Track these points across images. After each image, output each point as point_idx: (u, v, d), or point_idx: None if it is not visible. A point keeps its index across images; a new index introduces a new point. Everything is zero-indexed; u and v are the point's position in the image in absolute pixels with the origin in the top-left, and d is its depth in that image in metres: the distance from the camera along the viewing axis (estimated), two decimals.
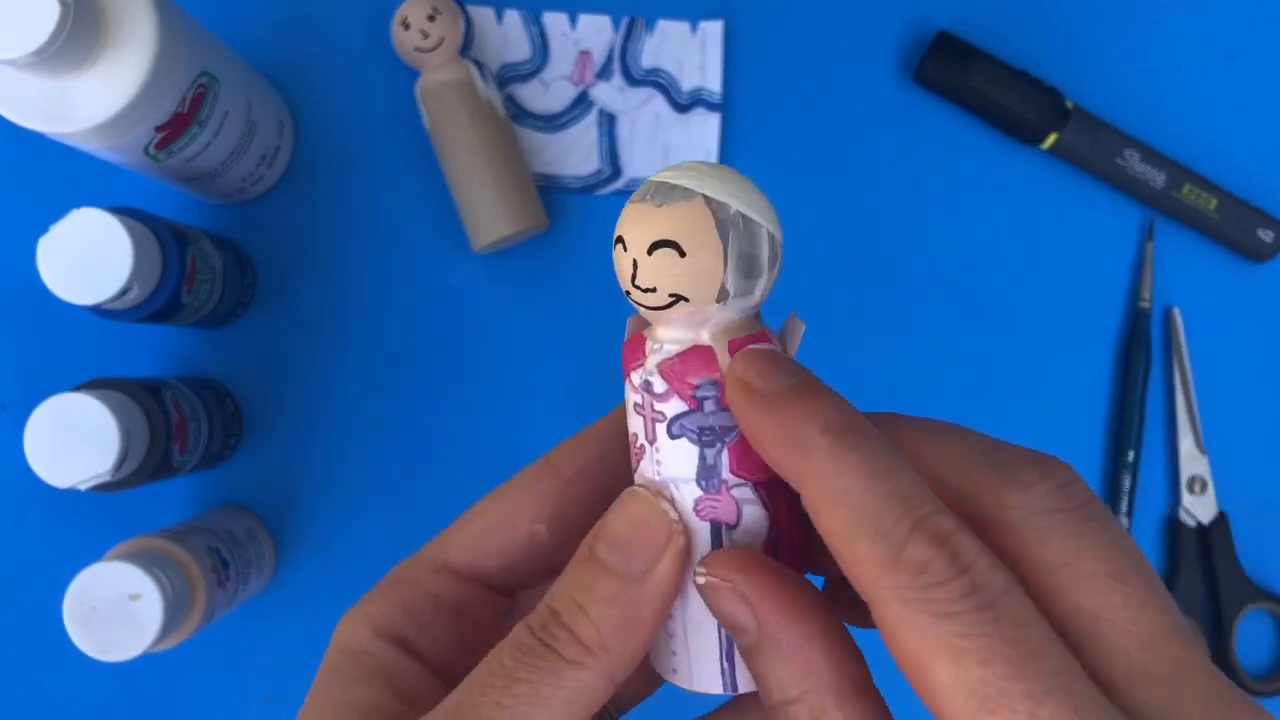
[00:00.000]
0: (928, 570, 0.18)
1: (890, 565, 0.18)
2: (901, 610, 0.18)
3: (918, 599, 0.18)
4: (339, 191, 0.54)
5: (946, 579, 0.18)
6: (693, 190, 0.20)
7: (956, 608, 0.18)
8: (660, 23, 0.55)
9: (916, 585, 0.18)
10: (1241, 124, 0.57)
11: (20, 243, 0.43)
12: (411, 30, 0.51)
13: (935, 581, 0.18)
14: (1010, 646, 0.17)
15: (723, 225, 0.20)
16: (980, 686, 0.17)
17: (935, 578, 0.18)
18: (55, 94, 0.38)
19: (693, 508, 0.22)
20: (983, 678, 0.17)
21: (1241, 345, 0.57)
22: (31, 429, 0.40)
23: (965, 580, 0.18)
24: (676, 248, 0.20)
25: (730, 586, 0.21)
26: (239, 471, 0.53)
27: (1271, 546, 0.57)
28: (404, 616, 0.25)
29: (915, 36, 0.56)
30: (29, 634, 0.52)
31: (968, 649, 0.17)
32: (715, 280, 0.20)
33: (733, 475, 0.22)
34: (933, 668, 0.18)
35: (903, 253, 0.56)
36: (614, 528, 0.22)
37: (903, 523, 0.18)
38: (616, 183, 0.55)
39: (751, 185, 0.21)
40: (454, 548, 0.26)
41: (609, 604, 0.21)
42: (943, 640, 0.18)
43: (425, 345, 0.54)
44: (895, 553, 0.18)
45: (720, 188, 0.20)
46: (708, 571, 0.21)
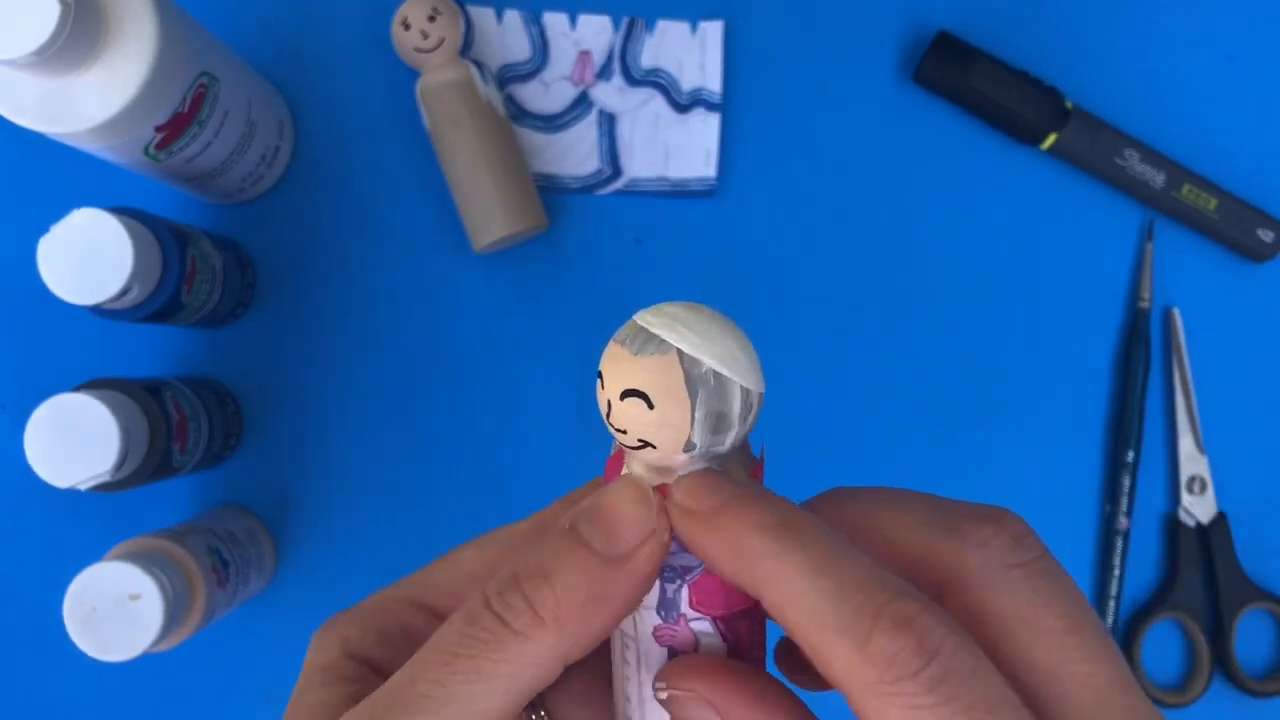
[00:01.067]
0: (896, 662, 0.18)
1: (859, 661, 0.18)
2: (877, 705, 0.18)
3: (890, 693, 0.18)
4: (339, 191, 0.54)
5: (916, 670, 0.18)
6: (668, 344, 0.20)
7: (930, 700, 0.18)
8: (660, 23, 0.55)
9: (887, 679, 0.18)
10: (1241, 124, 0.57)
11: (20, 243, 0.43)
12: (411, 30, 0.51)
13: (906, 674, 0.18)
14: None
15: (692, 382, 0.20)
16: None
17: (905, 669, 0.18)
18: (55, 94, 0.38)
19: (650, 633, 0.22)
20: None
21: (1241, 345, 0.57)
22: (31, 429, 0.40)
23: (936, 667, 0.18)
24: (646, 399, 0.20)
25: (693, 695, 0.21)
26: (239, 471, 0.53)
27: (1271, 546, 0.57)
28: (379, 644, 0.24)
29: (915, 36, 0.56)
30: (29, 634, 0.52)
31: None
32: (682, 434, 0.21)
33: (691, 610, 0.22)
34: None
35: (902, 253, 0.56)
36: (602, 504, 0.21)
37: (863, 616, 0.18)
38: (616, 183, 0.55)
39: (732, 332, 0.21)
40: (434, 591, 0.25)
41: (578, 575, 0.20)
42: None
43: (425, 345, 0.54)
44: (860, 648, 0.18)
45: (696, 341, 0.20)
46: (669, 684, 0.21)
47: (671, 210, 0.55)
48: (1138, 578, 0.57)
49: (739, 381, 0.21)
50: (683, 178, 0.55)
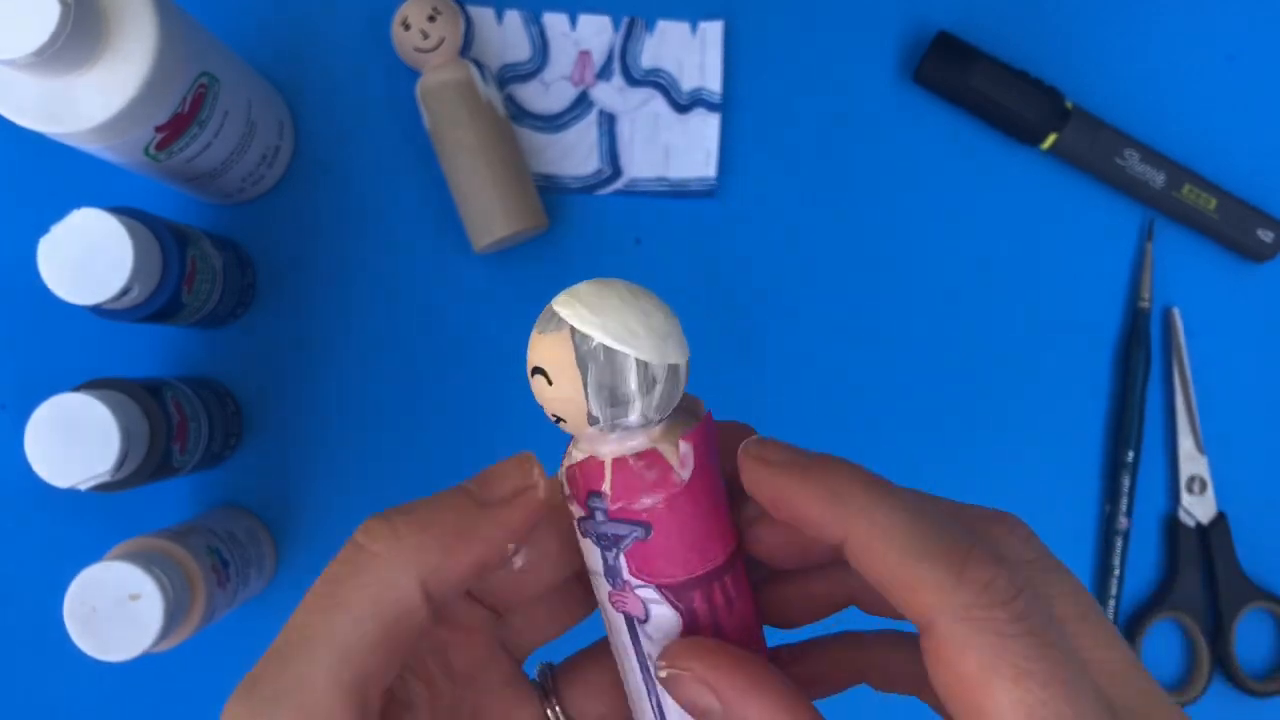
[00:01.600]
0: (990, 589, 0.19)
1: (954, 585, 0.19)
2: (966, 630, 0.19)
3: (983, 618, 0.18)
4: (339, 191, 0.54)
5: (1008, 598, 0.19)
6: (563, 321, 0.21)
7: (1018, 629, 0.18)
8: (660, 23, 0.55)
9: (981, 604, 0.19)
10: (1241, 124, 0.57)
11: (20, 243, 0.43)
12: (412, 30, 0.51)
13: (999, 600, 0.19)
14: (1068, 671, 0.18)
15: (582, 358, 0.21)
16: (1039, 708, 0.18)
17: (1000, 595, 0.19)
18: (55, 94, 0.38)
19: (607, 599, 0.23)
20: (1044, 700, 0.18)
21: (1241, 345, 0.57)
22: (31, 429, 0.40)
23: (1022, 602, 0.19)
24: (545, 375, 0.22)
25: (691, 674, 0.21)
26: (239, 471, 0.53)
27: (1271, 546, 0.57)
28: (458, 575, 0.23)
29: (915, 36, 0.56)
30: (29, 634, 0.52)
31: (1033, 671, 0.18)
32: (580, 408, 0.21)
33: (633, 578, 0.23)
34: (993, 689, 0.18)
35: (902, 252, 0.56)
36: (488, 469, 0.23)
37: (960, 544, 0.19)
38: (616, 183, 0.55)
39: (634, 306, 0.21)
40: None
41: (445, 509, 0.21)
42: (1007, 660, 0.18)
43: (425, 345, 0.54)
44: (957, 573, 0.19)
45: (588, 317, 0.21)
46: (667, 664, 0.22)
47: (671, 210, 0.55)
48: (1138, 578, 0.57)
49: (633, 355, 0.21)
50: (683, 178, 0.55)
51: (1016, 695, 0.18)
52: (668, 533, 0.22)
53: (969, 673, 0.18)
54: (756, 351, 0.55)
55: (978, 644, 0.18)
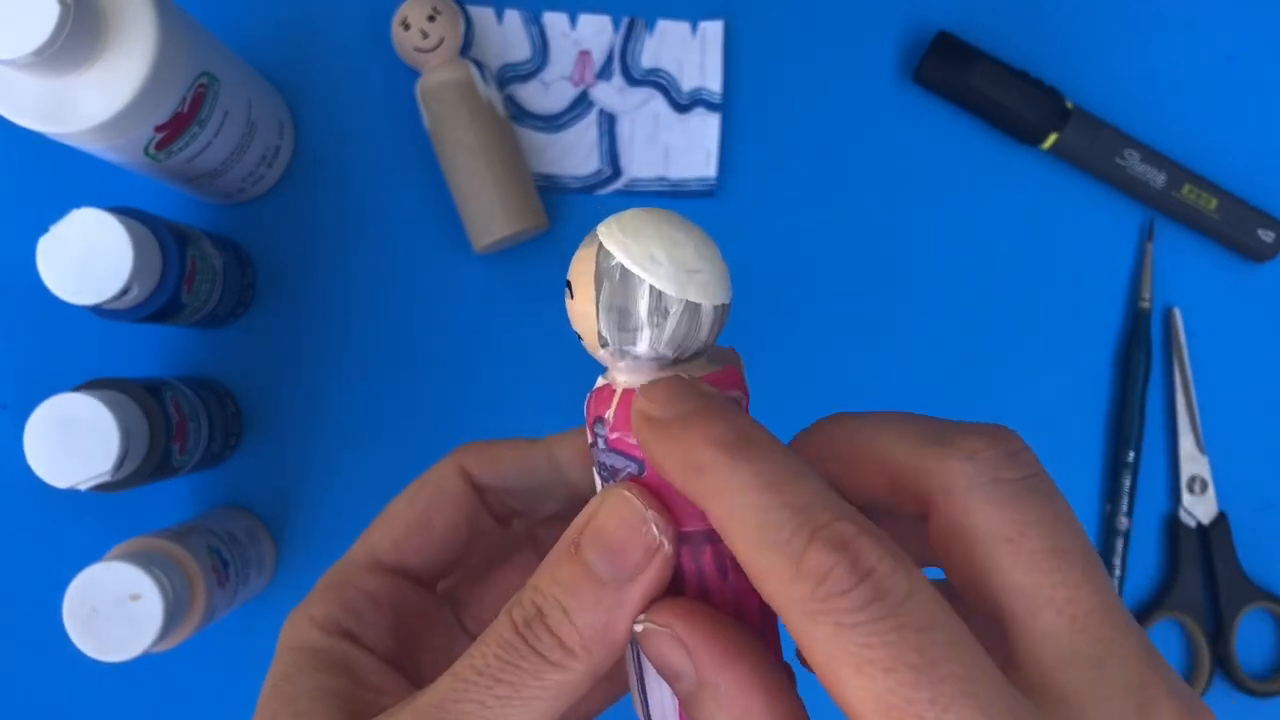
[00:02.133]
0: (829, 579, 0.18)
1: (792, 577, 0.18)
2: (807, 623, 0.18)
3: (820, 610, 0.18)
4: (339, 191, 0.54)
5: (847, 587, 0.18)
6: (595, 237, 0.21)
7: (859, 617, 0.17)
8: (660, 23, 0.55)
9: (818, 596, 0.18)
10: (1241, 124, 0.57)
11: (20, 243, 0.43)
12: (411, 30, 0.51)
13: (836, 591, 0.18)
14: (915, 653, 0.17)
15: (599, 274, 0.21)
16: (886, 695, 0.17)
17: (836, 587, 0.18)
18: (55, 94, 0.38)
19: None
20: (889, 687, 0.17)
21: (1241, 345, 0.57)
22: (31, 429, 0.40)
23: (867, 587, 0.18)
24: (569, 288, 0.21)
25: (668, 632, 0.21)
26: (239, 471, 0.53)
27: (1271, 546, 0.57)
28: (345, 613, 0.26)
29: (915, 36, 0.56)
30: (29, 634, 0.52)
31: (873, 659, 0.17)
32: (592, 325, 0.21)
33: None
34: (841, 679, 0.18)
35: (902, 253, 0.56)
36: (602, 529, 0.21)
37: (800, 533, 0.18)
38: (616, 183, 0.55)
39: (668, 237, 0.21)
40: (379, 548, 0.27)
41: (594, 609, 0.21)
42: (847, 651, 0.17)
43: (425, 345, 0.54)
44: (795, 564, 0.18)
45: (619, 238, 0.21)
46: (646, 618, 0.21)
47: (671, 210, 0.55)
48: (1138, 578, 0.57)
49: (648, 281, 0.21)
50: (683, 178, 0.55)
51: (862, 685, 0.17)
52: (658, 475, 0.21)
53: (819, 666, 0.18)
54: (756, 351, 0.55)
55: (820, 635, 0.18)
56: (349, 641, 0.25)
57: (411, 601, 0.27)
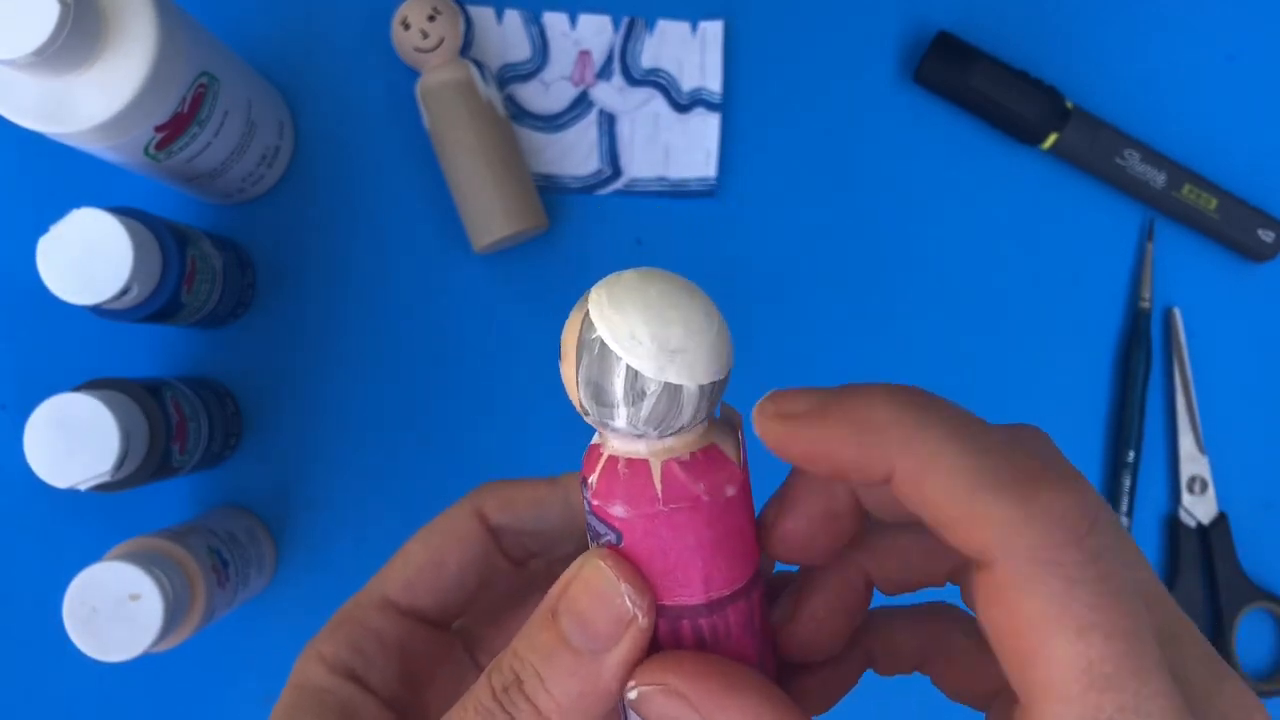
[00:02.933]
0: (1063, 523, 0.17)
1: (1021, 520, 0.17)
2: (1032, 574, 0.17)
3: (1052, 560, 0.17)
4: (339, 191, 0.54)
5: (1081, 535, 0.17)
6: (585, 302, 0.20)
7: (1088, 573, 0.17)
8: (660, 23, 0.55)
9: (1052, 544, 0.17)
10: (1241, 124, 0.57)
11: (20, 243, 0.43)
12: (411, 30, 0.51)
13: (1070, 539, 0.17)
14: (1129, 620, 0.17)
15: (580, 345, 0.20)
16: (1099, 663, 0.16)
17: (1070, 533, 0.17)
18: (55, 94, 0.38)
19: None
20: (1104, 655, 0.16)
21: (1241, 345, 0.57)
22: (31, 429, 0.40)
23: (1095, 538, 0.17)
24: (560, 351, 0.21)
25: (662, 688, 0.21)
26: (239, 471, 0.53)
27: (1271, 546, 0.57)
28: (353, 653, 0.26)
29: (915, 36, 0.56)
30: (29, 634, 0.52)
31: (1098, 624, 0.16)
32: (574, 393, 0.21)
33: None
34: (1054, 639, 0.17)
35: (902, 253, 0.56)
36: (576, 599, 0.21)
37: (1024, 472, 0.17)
38: (616, 183, 0.55)
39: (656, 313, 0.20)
40: (392, 587, 0.27)
41: (568, 677, 0.21)
42: (1072, 610, 0.17)
43: (425, 345, 0.54)
44: (1024, 506, 0.17)
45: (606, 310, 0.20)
46: (636, 682, 0.21)
47: (671, 210, 0.55)
48: None
49: (625, 360, 0.19)
50: (683, 178, 0.55)
51: (1078, 648, 0.16)
52: (636, 548, 0.21)
53: (1029, 620, 0.17)
54: (756, 352, 0.55)
55: (1044, 590, 0.17)
56: (353, 683, 0.26)
57: (421, 642, 0.27)
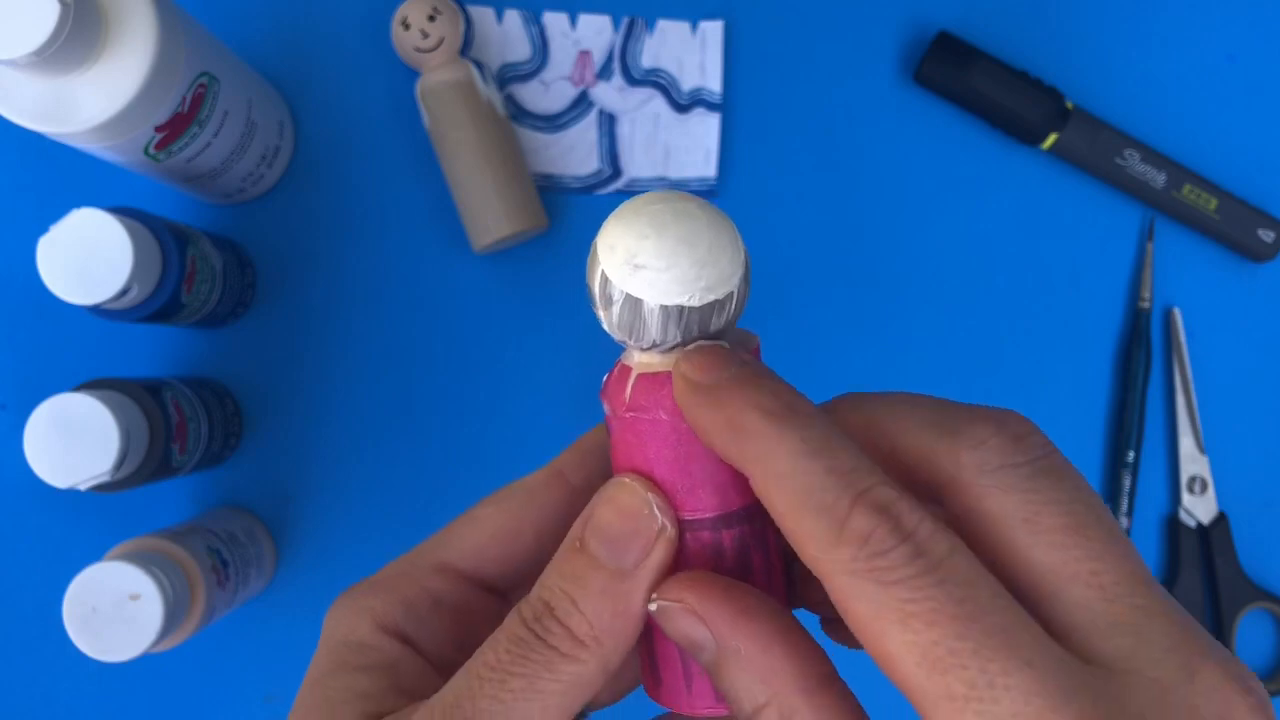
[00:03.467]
0: (871, 540, 0.18)
1: (835, 540, 0.19)
2: (850, 582, 0.18)
3: (863, 569, 0.18)
4: (339, 191, 0.54)
5: (889, 547, 0.18)
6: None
7: (901, 574, 0.18)
8: (660, 23, 0.55)
9: (861, 556, 0.18)
10: (1241, 124, 0.57)
11: (20, 243, 0.43)
12: (411, 30, 0.51)
13: (879, 551, 0.18)
14: (956, 606, 0.18)
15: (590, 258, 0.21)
16: (931, 648, 0.18)
17: (878, 547, 0.18)
18: (55, 94, 0.38)
19: None
20: (932, 639, 0.18)
21: (1241, 345, 0.57)
22: (31, 429, 0.40)
23: (908, 547, 0.18)
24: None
25: (682, 605, 0.21)
26: (239, 471, 0.53)
27: (1271, 546, 0.57)
28: (406, 612, 0.25)
29: (915, 36, 0.56)
30: (29, 634, 0.52)
31: (916, 613, 0.18)
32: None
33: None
34: (884, 634, 0.18)
35: (902, 253, 0.56)
36: (604, 520, 0.22)
37: (843, 497, 0.19)
38: (616, 183, 0.55)
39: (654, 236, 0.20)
40: (457, 552, 0.26)
41: (601, 597, 0.21)
42: (890, 606, 0.18)
43: (425, 345, 0.54)
44: (838, 527, 0.19)
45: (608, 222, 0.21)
46: (659, 596, 0.21)
47: None
48: None
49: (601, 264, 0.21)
50: (683, 178, 0.55)
51: (907, 638, 0.18)
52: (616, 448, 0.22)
53: (862, 623, 0.18)
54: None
55: (862, 593, 0.18)
56: (401, 642, 0.24)
57: (481, 608, 0.26)
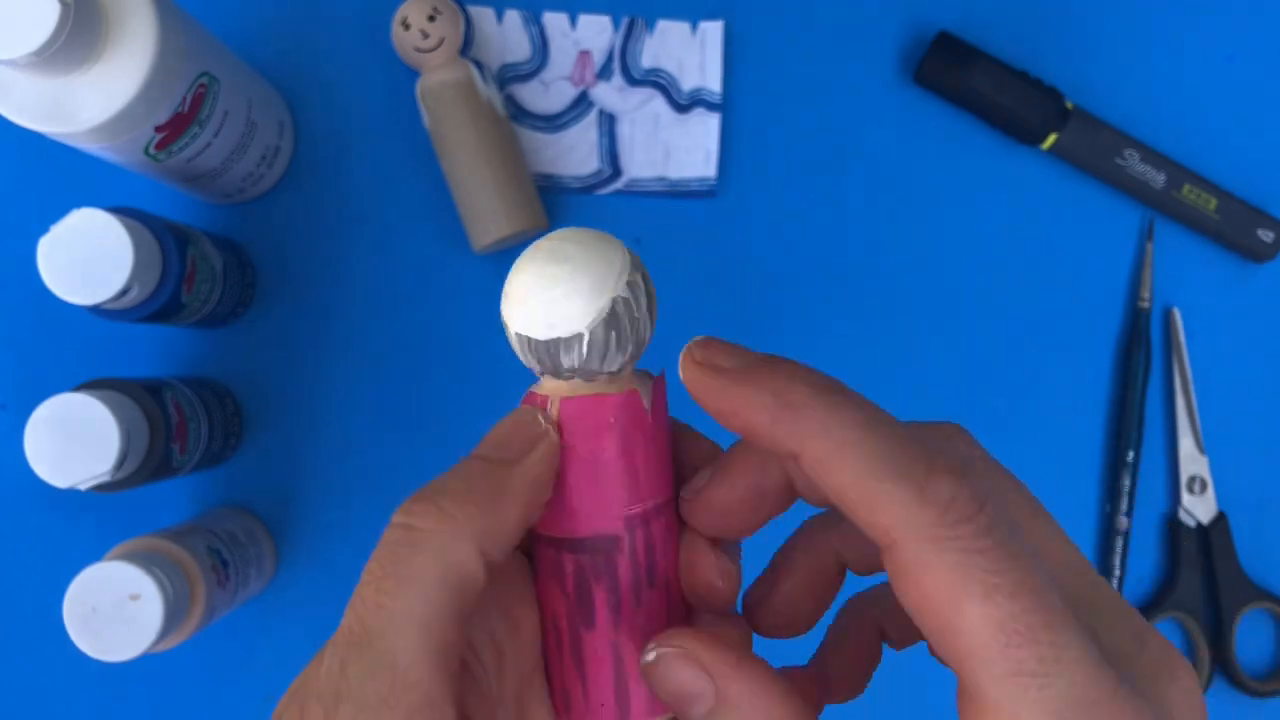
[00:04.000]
0: (954, 506, 0.18)
1: (916, 503, 0.18)
2: (932, 550, 0.18)
3: (947, 536, 0.18)
4: (339, 191, 0.54)
5: (971, 514, 0.18)
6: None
7: (982, 544, 0.18)
8: (660, 23, 0.55)
9: (945, 522, 0.18)
10: (1241, 124, 0.57)
11: (20, 243, 0.43)
12: (411, 30, 0.51)
13: (963, 517, 0.18)
14: (1033, 578, 0.18)
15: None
16: (1010, 621, 0.18)
17: (962, 513, 0.18)
18: (55, 94, 0.38)
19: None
20: (1012, 613, 0.18)
21: (1241, 345, 0.57)
22: (31, 429, 0.40)
23: (985, 516, 0.18)
24: None
25: (681, 652, 0.21)
26: (239, 471, 0.53)
27: (1271, 546, 0.57)
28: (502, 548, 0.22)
29: (915, 36, 0.56)
30: (29, 634, 0.52)
31: (1000, 585, 0.18)
32: None
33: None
34: (963, 606, 0.18)
35: (902, 253, 0.56)
36: (492, 431, 0.23)
37: (919, 462, 0.19)
38: (616, 183, 0.55)
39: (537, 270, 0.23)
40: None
41: (477, 477, 0.22)
42: (974, 577, 0.18)
43: (425, 345, 0.54)
44: (919, 491, 0.19)
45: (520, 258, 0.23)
46: (657, 645, 0.21)
47: (671, 210, 0.55)
48: (1138, 578, 0.57)
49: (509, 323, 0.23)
50: (683, 178, 0.55)
51: (987, 610, 0.18)
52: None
53: (937, 591, 0.18)
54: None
55: (944, 562, 0.18)
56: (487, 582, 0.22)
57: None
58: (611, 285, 0.22)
